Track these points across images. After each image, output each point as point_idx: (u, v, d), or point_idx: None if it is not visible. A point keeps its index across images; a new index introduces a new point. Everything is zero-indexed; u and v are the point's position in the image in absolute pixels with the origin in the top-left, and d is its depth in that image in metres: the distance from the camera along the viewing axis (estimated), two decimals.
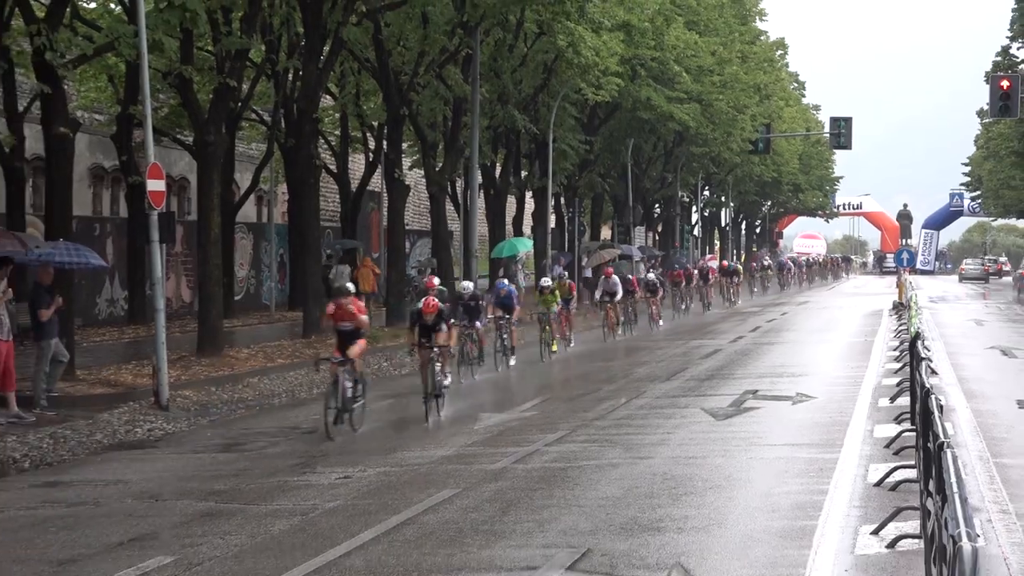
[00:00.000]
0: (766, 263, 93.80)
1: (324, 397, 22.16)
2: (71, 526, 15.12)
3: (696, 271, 65.36)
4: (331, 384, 22.27)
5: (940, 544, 8.04)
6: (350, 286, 24.90)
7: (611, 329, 44.69)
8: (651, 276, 54.05)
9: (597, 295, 44.60)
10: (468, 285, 34.15)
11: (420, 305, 24.72)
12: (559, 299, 38.50)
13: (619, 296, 44.34)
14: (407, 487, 16.92)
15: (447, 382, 24.91)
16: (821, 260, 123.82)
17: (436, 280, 33.19)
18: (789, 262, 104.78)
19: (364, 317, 23.56)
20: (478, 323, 32.06)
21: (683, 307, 60.02)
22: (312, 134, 43.06)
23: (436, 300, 24.79)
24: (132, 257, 41.59)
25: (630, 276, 53.60)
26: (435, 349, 24.11)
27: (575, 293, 43.37)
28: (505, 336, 34.42)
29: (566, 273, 42.59)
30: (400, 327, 38.86)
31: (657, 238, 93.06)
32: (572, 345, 40.80)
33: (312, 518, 15.10)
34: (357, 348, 22.63)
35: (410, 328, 25.87)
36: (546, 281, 39.61)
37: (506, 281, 37.63)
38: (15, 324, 23.26)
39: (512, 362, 34.26)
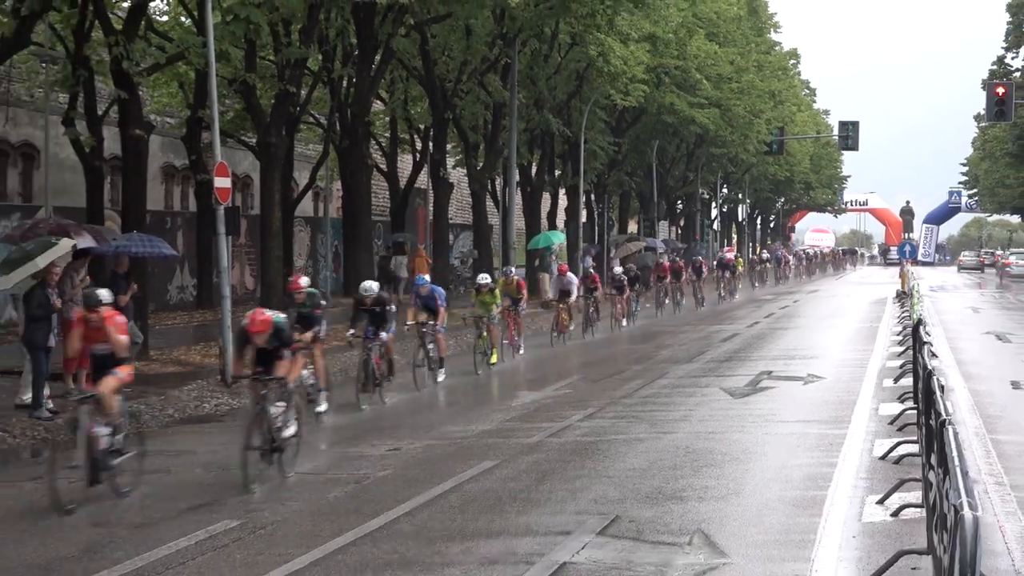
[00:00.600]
0: (765, 257, 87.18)
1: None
2: (146, 493, 15.18)
3: (690, 265, 58.44)
4: None
5: (941, 513, 8.02)
6: (103, 293, 16.12)
7: (561, 330, 35.95)
8: (617, 270, 45.19)
9: (550, 294, 37.49)
10: (371, 286, 24.59)
11: (246, 322, 16.27)
12: (498, 300, 30.64)
13: (574, 297, 36.72)
14: (451, 458, 16.96)
15: (290, 432, 16.32)
16: (828, 252, 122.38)
17: (303, 280, 23.41)
18: (787, 255, 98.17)
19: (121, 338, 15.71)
20: (384, 333, 23.82)
21: (668, 303, 50.59)
22: (364, 136, 43.15)
23: (268, 314, 16.51)
24: (200, 248, 41.75)
25: (656, 262, 50.30)
26: (271, 383, 16.25)
27: (524, 292, 33.70)
28: (430, 346, 26.86)
29: (513, 270, 34.49)
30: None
31: (680, 231, 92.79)
32: (522, 352, 32.48)
33: (365, 486, 15.16)
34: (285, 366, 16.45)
35: (238, 354, 17.41)
36: (484, 278, 30.89)
37: (426, 277, 28.52)
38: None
39: (440, 377, 26.62)
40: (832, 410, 21.47)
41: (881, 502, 13.27)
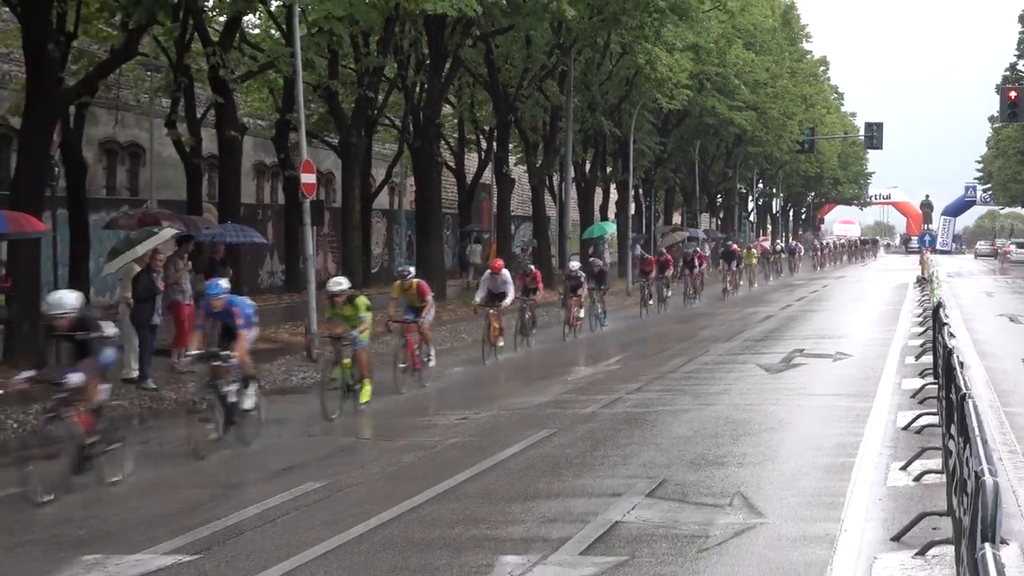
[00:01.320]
0: (779, 247, 79.49)
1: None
2: (239, 456, 15.29)
3: (681, 258, 48.68)
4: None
5: (961, 478, 7.93)
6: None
7: (493, 342, 25.99)
8: (572, 265, 34.69)
9: (477, 298, 26.71)
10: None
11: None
12: (361, 313, 19.63)
13: (508, 300, 25.98)
14: (513, 427, 16.95)
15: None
16: (847, 242, 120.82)
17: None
18: (799, 246, 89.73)
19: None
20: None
21: (652, 301, 40.24)
22: (435, 136, 43.18)
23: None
24: (288, 237, 41.92)
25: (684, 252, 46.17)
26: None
27: (428, 299, 22.46)
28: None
29: (412, 271, 23.73)
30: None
31: (719, 223, 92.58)
32: (425, 387, 21.90)
33: (436, 452, 15.17)
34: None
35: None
36: (338, 285, 20.35)
37: (222, 283, 17.34)
38: (194, 291, 23.48)
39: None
40: (859, 385, 21.32)
41: (904, 468, 13.17)
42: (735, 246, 55.65)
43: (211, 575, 9.63)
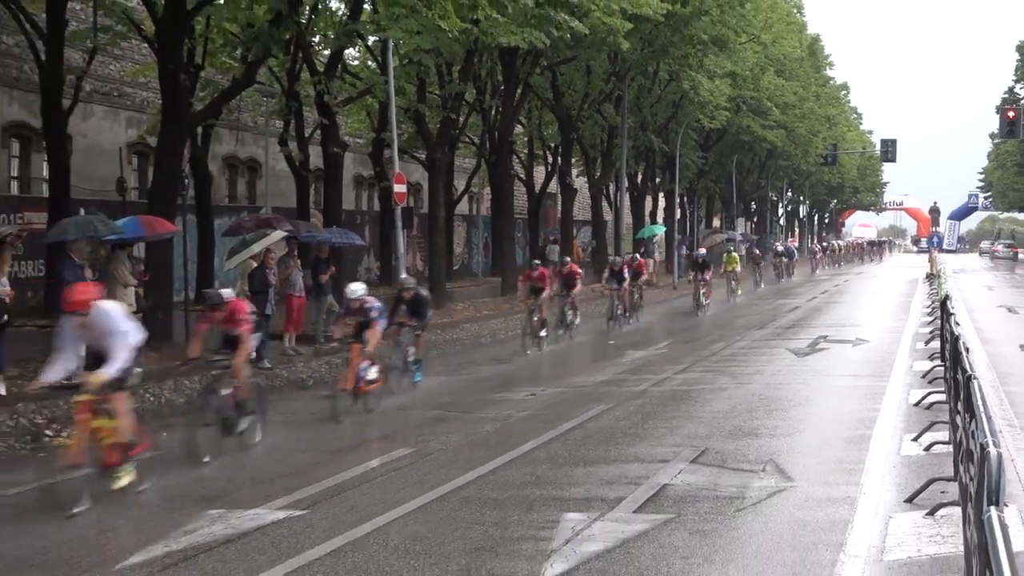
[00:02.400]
0: (780, 249, 63.47)
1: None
2: (340, 427, 15.34)
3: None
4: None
5: (967, 449, 7.84)
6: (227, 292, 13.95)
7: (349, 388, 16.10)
8: (540, 259, 30.53)
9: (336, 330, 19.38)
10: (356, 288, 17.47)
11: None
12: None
13: (380, 328, 16.85)
14: (575, 402, 16.94)
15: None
16: (854, 244, 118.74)
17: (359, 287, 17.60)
18: (794, 248, 73.36)
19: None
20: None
21: (622, 313, 29.87)
22: (507, 152, 43.24)
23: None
24: (382, 239, 42.04)
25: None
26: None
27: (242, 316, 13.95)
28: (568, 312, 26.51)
29: (227, 292, 14.23)
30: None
31: (753, 226, 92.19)
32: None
33: (509, 423, 15.18)
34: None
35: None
36: (354, 293, 17.15)
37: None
38: (304, 286, 23.65)
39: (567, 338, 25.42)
40: (875, 367, 21.15)
41: (916, 439, 13.09)
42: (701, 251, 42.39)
43: (317, 527, 9.68)
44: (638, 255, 37.22)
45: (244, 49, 27.01)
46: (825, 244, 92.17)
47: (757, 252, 58.17)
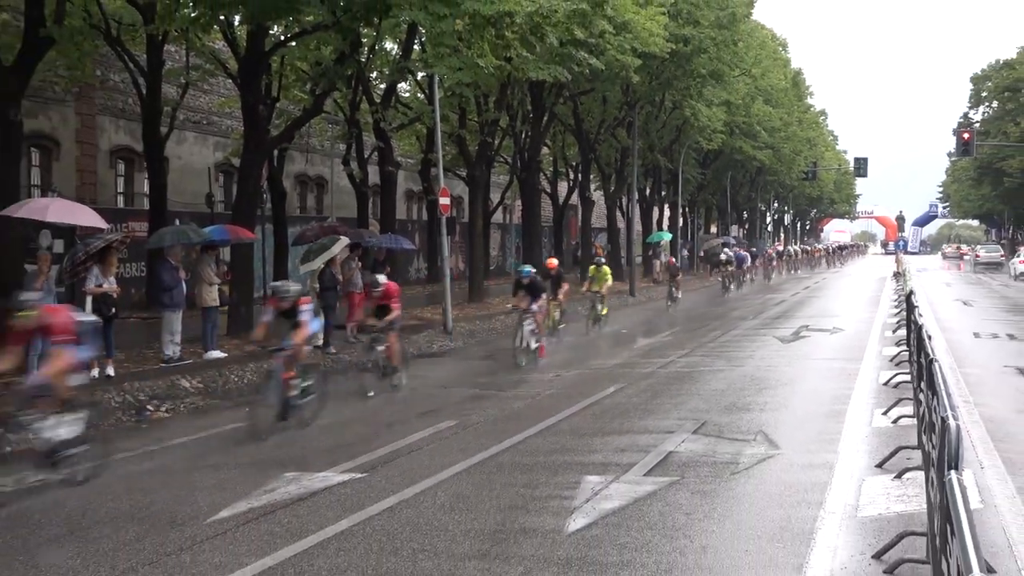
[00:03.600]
0: (723, 257, 45.31)
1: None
2: (395, 402, 15.41)
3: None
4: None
5: (929, 421, 7.79)
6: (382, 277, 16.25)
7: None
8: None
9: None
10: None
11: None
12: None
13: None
14: (593, 382, 16.92)
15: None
16: (815, 250, 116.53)
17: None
18: (744, 254, 52.28)
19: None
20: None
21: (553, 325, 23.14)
22: (535, 170, 43.18)
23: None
24: (429, 243, 42.10)
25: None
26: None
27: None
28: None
29: (381, 277, 17.04)
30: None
31: (745, 231, 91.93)
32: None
33: (538, 400, 15.19)
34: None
35: None
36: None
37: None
38: (363, 283, 23.72)
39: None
40: (850, 351, 21.01)
41: (885, 414, 13.02)
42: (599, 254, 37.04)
43: (375, 488, 9.71)
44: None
45: (313, 83, 27.09)
46: (780, 249, 78.26)
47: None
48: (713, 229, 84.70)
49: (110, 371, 16.26)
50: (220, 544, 8.02)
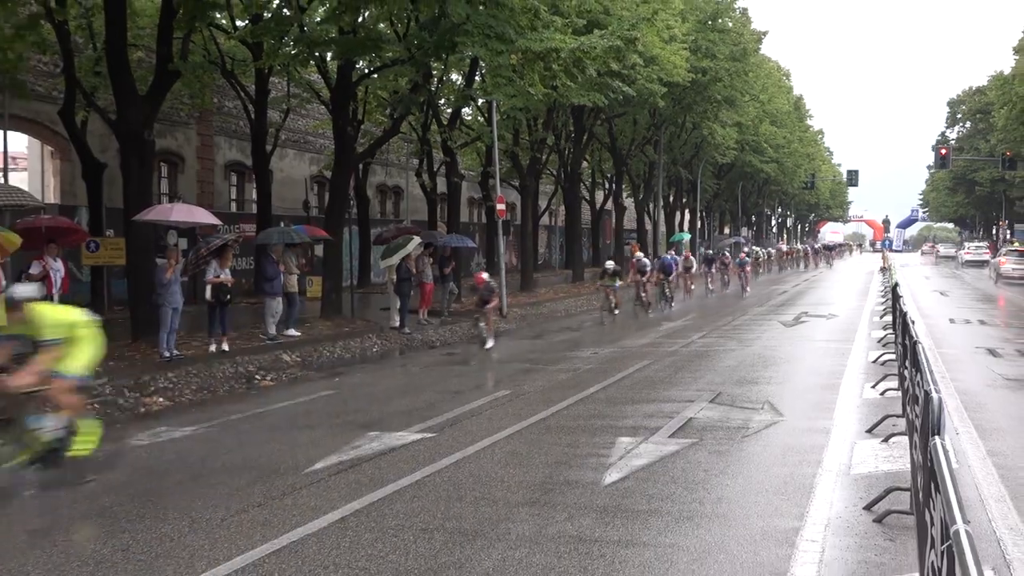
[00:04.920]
0: (609, 267, 25.90)
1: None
2: (459, 375, 15.40)
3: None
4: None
5: (912, 394, 7.65)
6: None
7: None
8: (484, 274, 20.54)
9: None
10: (609, 264, 24.06)
11: None
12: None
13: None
14: (625, 359, 16.83)
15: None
16: (790, 250, 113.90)
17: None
18: (670, 260, 30.56)
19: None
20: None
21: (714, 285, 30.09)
22: (576, 181, 43.05)
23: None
24: (488, 242, 42.15)
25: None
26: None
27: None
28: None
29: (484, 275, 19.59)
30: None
31: (753, 232, 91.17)
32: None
33: (578, 373, 15.13)
34: None
35: None
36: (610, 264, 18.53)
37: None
38: (434, 275, 23.78)
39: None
40: (843, 333, 20.74)
41: (873, 387, 12.83)
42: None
43: (443, 445, 9.73)
44: (674, 254, 36.39)
45: (391, 109, 27.18)
46: (747, 250, 50.87)
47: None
48: (726, 230, 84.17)
49: (225, 347, 16.46)
50: (315, 491, 8.09)
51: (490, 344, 18.80)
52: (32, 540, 6.96)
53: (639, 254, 23.14)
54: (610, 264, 26.28)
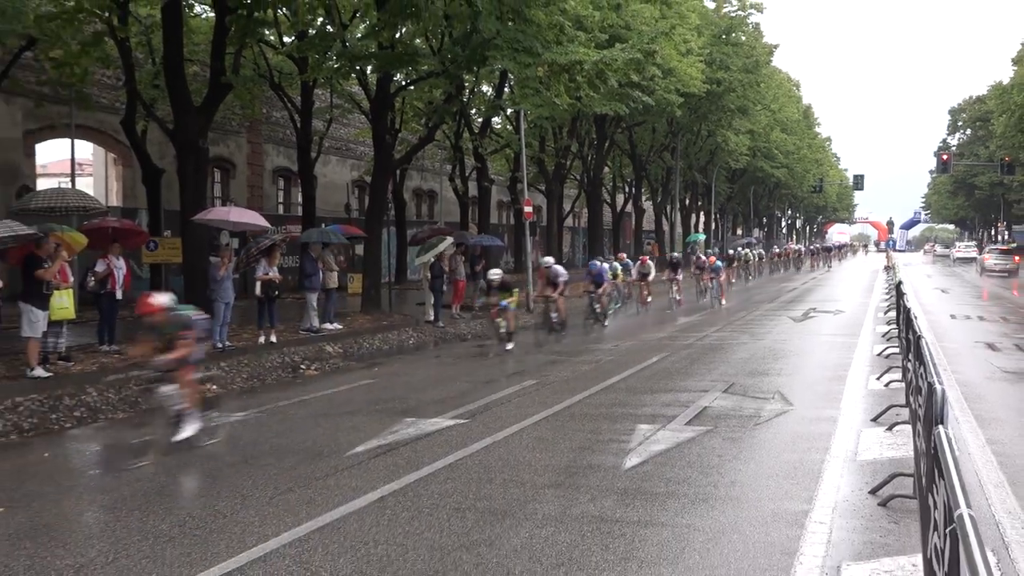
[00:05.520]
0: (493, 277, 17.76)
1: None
2: (487, 365, 15.39)
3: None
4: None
5: (916, 385, 7.57)
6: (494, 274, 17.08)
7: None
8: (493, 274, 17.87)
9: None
10: (596, 262, 21.64)
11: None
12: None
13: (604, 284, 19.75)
14: (643, 351, 16.75)
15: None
16: (840, 245, 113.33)
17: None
18: (601, 267, 22.63)
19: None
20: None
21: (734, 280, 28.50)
22: (598, 185, 42.94)
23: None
24: (516, 241, 42.11)
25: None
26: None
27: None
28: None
29: (549, 258, 20.12)
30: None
31: (765, 233, 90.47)
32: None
33: (600, 364, 15.08)
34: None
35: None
36: (496, 274, 17.36)
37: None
38: (466, 273, 23.79)
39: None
40: (850, 328, 20.53)
41: (878, 379, 12.68)
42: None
43: (475, 431, 9.74)
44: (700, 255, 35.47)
45: (426, 118, 27.23)
46: (729, 251, 46.64)
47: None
48: (739, 231, 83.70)
49: (273, 339, 16.56)
50: (356, 472, 8.12)
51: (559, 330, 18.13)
52: (97, 516, 7.05)
53: (549, 259, 19.79)
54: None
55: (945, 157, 54.57)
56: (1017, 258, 50.67)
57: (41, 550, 6.24)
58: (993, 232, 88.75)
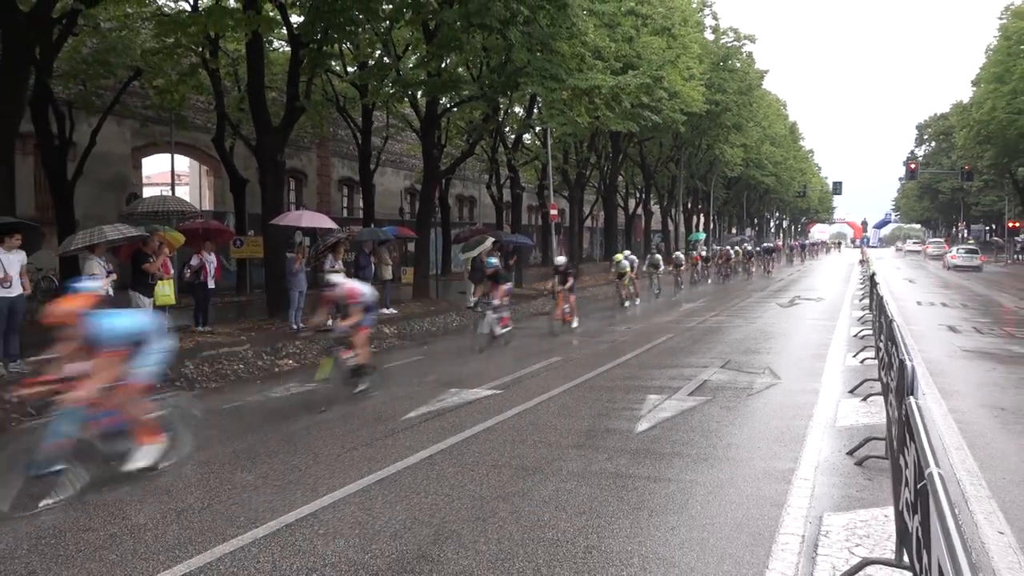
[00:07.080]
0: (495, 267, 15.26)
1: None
2: (515, 348, 15.34)
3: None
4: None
5: (887, 361, 7.46)
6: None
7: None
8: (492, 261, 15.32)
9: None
10: (622, 258, 21.23)
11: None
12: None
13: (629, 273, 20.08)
14: (652, 334, 16.64)
15: None
16: (820, 242, 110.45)
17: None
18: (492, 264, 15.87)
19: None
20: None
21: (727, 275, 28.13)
22: (614, 192, 42.66)
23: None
24: (543, 240, 41.95)
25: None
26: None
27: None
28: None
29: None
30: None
31: (756, 232, 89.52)
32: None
33: (616, 343, 15.00)
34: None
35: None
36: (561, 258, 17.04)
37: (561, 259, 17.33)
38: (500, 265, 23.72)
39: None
40: (830, 312, 20.28)
41: (855, 356, 12.51)
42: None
43: (508, 400, 9.73)
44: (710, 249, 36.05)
45: (467, 135, 27.20)
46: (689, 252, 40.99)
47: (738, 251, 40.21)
48: (734, 231, 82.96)
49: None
50: (410, 434, 8.16)
51: (575, 324, 17.11)
52: (194, 469, 7.16)
53: (561, 258, 17.59)
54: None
55: (913, 166, 53.80)
56: (983, 257, 50.08)
57: (148, 496, 6.35)
58: (955, 231, 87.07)
